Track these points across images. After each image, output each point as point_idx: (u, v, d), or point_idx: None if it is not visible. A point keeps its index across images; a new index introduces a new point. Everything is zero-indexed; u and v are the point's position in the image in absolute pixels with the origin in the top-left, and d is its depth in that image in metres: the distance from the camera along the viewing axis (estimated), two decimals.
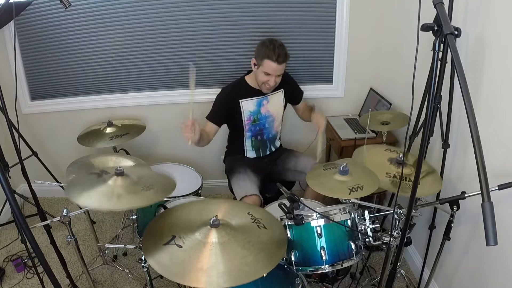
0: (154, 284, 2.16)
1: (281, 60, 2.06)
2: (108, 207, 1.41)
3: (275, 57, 2.04)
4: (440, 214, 1.91)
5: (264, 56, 2.07)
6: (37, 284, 2.24)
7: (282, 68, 2.12)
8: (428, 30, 1.09)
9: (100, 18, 2.53)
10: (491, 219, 0.84)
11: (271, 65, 2.07)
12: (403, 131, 2.43)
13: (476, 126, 0.89)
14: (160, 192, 1.50)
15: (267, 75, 2.12)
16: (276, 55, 2.04)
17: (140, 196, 1.45)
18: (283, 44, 2.11)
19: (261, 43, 2.12)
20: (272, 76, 2.12)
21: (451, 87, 1.66)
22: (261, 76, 2.15)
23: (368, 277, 2.24)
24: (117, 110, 2.81)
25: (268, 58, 2.06)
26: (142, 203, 1.46)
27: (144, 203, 1.46)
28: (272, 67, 2.08)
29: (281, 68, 2.11)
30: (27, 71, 2.69)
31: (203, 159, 2.98)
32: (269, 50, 2.05)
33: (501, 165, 1.48)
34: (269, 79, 2.13)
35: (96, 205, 1.44)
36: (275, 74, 2.11)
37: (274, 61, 2.05)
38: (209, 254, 1.24)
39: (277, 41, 2.10)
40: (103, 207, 1.43)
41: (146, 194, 1.46)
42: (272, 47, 2.05)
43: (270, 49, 2.05)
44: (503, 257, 1.53)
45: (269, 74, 2.11)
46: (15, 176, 2.37)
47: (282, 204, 1.50)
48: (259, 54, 2.11)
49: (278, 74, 2.13)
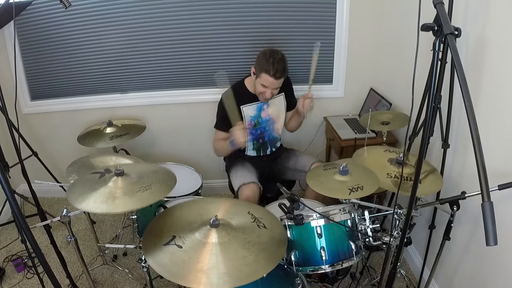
0: (154, 284, 2.16)
1: (278, 75, 2.05)
2: (107, 211, 1.39)
3: (272, 72, 2.03)
4: (440, 214, 1.91)
5: (262, 69, 2.06)
6: (37, 284, 2.24)
7: (279, 83, 2.12)
8: (428, 30, 1.09)
9: (100, 18, 2.53)
10: (491, 219, 0.84)
11: (269, 79, 2.07)
12: (403, 131, 2.43)
13: (476, 126, 0.89)
14: (159, 192, 1.48)
15: (264, 87, 2.12)
16: (274, 70, 2.03)
17: (137, 198, 1.43)
18: (284, 58, 2.08)
19: (262, 53, 2.10)
20: (269, 88, 2.12)
21: (451, 87, 1.66)
22: (258, 87, 2.16)
23: (368, 277, 2.24)
24: (117, 110, 2.81)
25: (266, 72, 2.05)
26: (140, 205, 1.43)
27: (141, 204, 1.43)
28: (269, 81, 2.08)
29: (278, 83, 2.11)
30: (27, 71, 2.70)
31: (203, 159, 2.98)
32: (268, 64, 2.03)
33: (501, 165, 1.48)
34: (265, 91, 2.14)
35: (96, 210, 1.41)
36: (272, 87, 2.12)
37: (272, 76, 2.05)
38: (209, 255, 1.24)
39: (278, 54, 2.06)
40: (102, 210, 1.40)
41: (144, 196, 1.44)
42: (271, 61, 2.03)
43: (269, 63, 2.03)
44: (503, 257, 1.52)
45: (266, 86, 2.12)
46: (15, 176, 2.37)
47: (282, 204, 1.50)
48: (258, 65, 2.10)
49: (275, 88, 2.14)
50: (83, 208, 1.38)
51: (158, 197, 1.46)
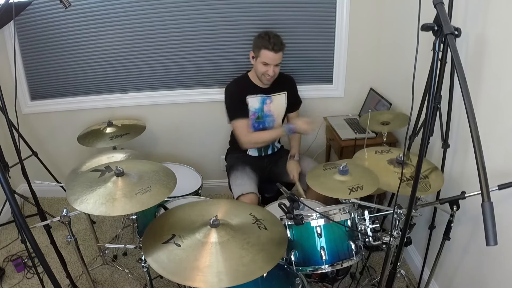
0: (154, 284, 2.16)
1: (277, 48, 2.11)
2: (106, 213, 1.36)
3: (271, 46, 2.10)
4: (440, 214, 1.91)
5: (261, 46, 2.12)
6: (37, 284, 2.24)
7: (279, 57, 2.16)
8: (428, 30, 1.09)
9: (100, 18, 2.53)
10: (491, 219, 0.84)
11: (268, 54, 2.12)
12: (403, 131, 2.43)
13: (476, 126, 0.89)
14: (157, 195, 1.44)
15: (265, 65, 2.16)
16: (272, 44, 2.10)
17: (137, 200, 1.40)
18: (278, 34, 2.16)
19: (257, 36, 2.19)
20: (270, 65, 2.16)
21: (451, 87, 1.66)
22: (260, 67, 2.19)
23: (368, 277, 2.24)
24: (117, 110, 2.81)
25: (264, 48, 2.11)
26: (139, 208, 1.38)
27: (141, 207, 1.38)
28: (269, 56, 2.12)
29: (278, 57, 2.15)
30: (27, 71, 2.69)
31: (203, 159, 2.98)
32: (265, 40, 2.11)
33: (501, 165, 1.48)
34: (267, 69, 2.17)
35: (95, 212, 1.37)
36: (273, 63, 2.15)
37: (271, 50, 2.10)
38: (206, 254, 1.24)
39: (272, 32, 2.16)
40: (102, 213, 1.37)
41: (143, 198, 1.41)
42: (267, 38, 2.11)
43: (265, 39, 2.11)
44: (503, 257, 1.52)
45: (267, 64, 2.15)
46: (15, 176, 2.37)
47: (282, 204, 1.50)
48: (256, 45, 2.17)
49: (276, 64, 2.17)
50: (81, 210, 1.37)
51: (158, 200, 1.42)
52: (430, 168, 1.73)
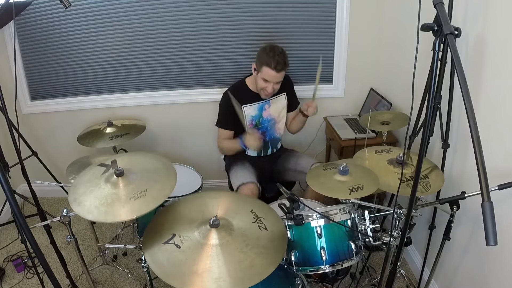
0: (154, 284, 2.16)
1: (279, 68, 2.06)
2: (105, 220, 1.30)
3: (273, 65, 2.05)
4: (440, 214, 1.91)
5: (263, 63, 2.07)
6: (37, 284, 2.24)
7: (280, 76, 2.12)
8: (428, 30, 1.09)
9: (100, 18, 2.53)
10: (491, 219, 0.84)
11: (270, 72, 2.07)
12: (403, 131, 2.43)
13: (476, 126, 0.89)
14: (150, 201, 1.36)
15: (265, 81, 2.13)
16: (275, 63, 2.04)
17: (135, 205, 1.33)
18: (284, 52, 2.10)
19: (262, 48, 2.12)
20: (270, 83, 2.13)
21: (451, 87, 1.66)
22: (260, 82, 2.16)
23: (368, 277, 2.24)
24: (117, 110, 2.81)
25: (267, 66, 2.06)
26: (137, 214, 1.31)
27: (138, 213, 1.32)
28: (271, 75, 2.08)
29: (279, 76, 2.11)
30: (27, 71, 2.69)
31: (203, 159, 2.98)
32: (269, 57, 2.05)
33: (501, 165, 1.48)
34: (267, 85, 2.14)
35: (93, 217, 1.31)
36: (273, 81, 2.12)
37: (273, 69, 2.06)
38: (205, 257, 1.23)
39: (278, 48, 2.09)
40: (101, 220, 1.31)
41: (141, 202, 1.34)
42: (272, 54, 2.05)
43: (270, 56, 2.05)
44: (503, 257, 1.52)
45: (268, 81, 2.12)
46: (15, 176, 2.37)
47: (282, 204, 1.50)
48: (259, 60, 2.12)
49: (276, 82, 2.14)
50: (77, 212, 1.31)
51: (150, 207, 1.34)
52: (430, 167, 1.74)
